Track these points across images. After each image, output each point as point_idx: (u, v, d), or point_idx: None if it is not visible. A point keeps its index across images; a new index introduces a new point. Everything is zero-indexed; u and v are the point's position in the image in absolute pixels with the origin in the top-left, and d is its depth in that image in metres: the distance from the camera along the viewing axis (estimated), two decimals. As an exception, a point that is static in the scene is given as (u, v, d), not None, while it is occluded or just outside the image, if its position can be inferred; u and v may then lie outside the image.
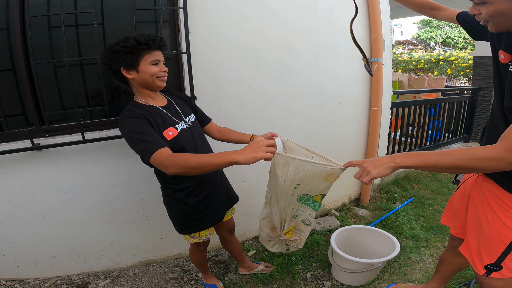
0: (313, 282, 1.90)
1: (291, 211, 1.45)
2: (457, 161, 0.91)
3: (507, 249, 1.13)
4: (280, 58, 2.05)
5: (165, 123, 1.31)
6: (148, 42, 1.21)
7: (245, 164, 1.01)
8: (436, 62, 9.92)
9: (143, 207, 1.91)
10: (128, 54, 1.21)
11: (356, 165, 1.09)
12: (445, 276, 1.65)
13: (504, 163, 0.87)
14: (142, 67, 1.24)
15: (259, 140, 1.04)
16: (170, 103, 1.41)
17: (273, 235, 1.57)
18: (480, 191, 1.24)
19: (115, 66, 1.24)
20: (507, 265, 1.15)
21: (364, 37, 2.45)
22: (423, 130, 3.58)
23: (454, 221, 1.46)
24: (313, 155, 1.35)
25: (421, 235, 2.31)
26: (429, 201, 2.87)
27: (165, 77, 1.31)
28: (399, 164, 0.98)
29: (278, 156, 1.22)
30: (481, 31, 1.20)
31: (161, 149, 1.14)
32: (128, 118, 1.22)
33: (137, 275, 1.98)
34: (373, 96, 2.56)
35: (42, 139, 1.61)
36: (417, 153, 0.98)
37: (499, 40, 1.07)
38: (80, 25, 1.61)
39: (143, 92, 1.32)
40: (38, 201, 1.70)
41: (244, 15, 1.88)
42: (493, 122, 1.18)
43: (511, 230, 1.10)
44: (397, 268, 2.00)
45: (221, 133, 1.59)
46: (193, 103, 1.55)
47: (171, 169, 1.10)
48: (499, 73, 1.07)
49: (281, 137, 1.40)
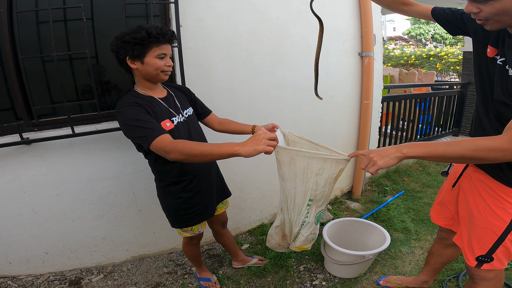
0: (306, 275, 1.93)
1: (310, 235, 1.39)
2: (465, 151, 0.91)
3: (498, 240, 1.13)
4: (271, 52, 2.06)
5: (163, 115, 1.30)
6: (158, 36, 1.20)
7: (246, 157, 1.01)
8: (426, 58, 10.03)
9: (135, 201, 1.91)
10: (137, 45, 1.20)
11: (361, 156, 1.07)
12: (434, 268, 1.67)
13: (510, 153, 0.87)
14: (148, 59, 1.23)
15: (261, 133, 1.04)
16: (170, 95, 1.41)
17: (283, 244, 1.52)
18: (470, 181, 1.25)
19: (122, 55, 1.24)
20: (498, 257, 1.16)
21: (355, 32, 2.47)
22: (413, 124, 3.63)
23: (442, 212, 1.47)
24: (317, 147, 1.31)
25: (411, 228, 2.35)
26: (419, 194, 2.93)
27: (169, 71, 1.31)
28: (406, 154, 0.96)
29: (281, 150, 1.18)
30: (461, 27, 1.19)
31: (162, 136, 1.14)
32: (127, 106, 1.21)
33: (131, 270, 1.98)
34: (364, 90, 2.59)
35: (31, 133, 1.59)
36: (424, 143, 0.98)
37: (486, 35, 1.07)
38: (69, 20, 1.59)
39: (144, 83, 1.32)
40: (28, 196, 1.68)
41: (235, 10, 1.87)
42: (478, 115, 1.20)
43: (502, 220, 1.11)
44: (388, 261, 2.03)
45: (222, 124, 1.59)
46: (192, 96, 1.55)
47: (173, 155, 1.10)
48: (487, 66, 1.07)
49: (283, 129, 1.38)
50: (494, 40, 1.04)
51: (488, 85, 1.08)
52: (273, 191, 2.38)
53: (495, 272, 1.21)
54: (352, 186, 2.91)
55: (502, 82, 1.00)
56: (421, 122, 3.73)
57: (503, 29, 1.00)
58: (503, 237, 1.12)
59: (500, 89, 1.01)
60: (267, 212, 2.45)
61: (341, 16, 2.36)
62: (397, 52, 11.41)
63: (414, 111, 3.57)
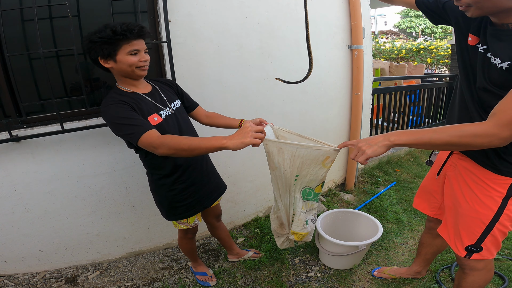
0: (301, 267, 1.94)
1: (302, 215, 1.40)
2: (450, 138, 0.92)
3: (486, 229, 1.12)
4: (262, 46, 2.07)
5: (149, 110, 1.29)
6: (125, 32, 1.17)
7: (234, 150, 1.02)
8: (417, 51, 10.13)
9: (128, 197, 1.90)
10: (105, 44, 1.18)
11: (350, 145, 1.08)
12: (426, 258, 1.68)
13: (496, 139, 0.88)
14: (119, 57, 1.21)
15: (248, 126, 1.04)
16: (155, 90, 1.40)
17: (281, 232, 1.54)
18: (455, 169, 1.25)
19: (93, 55, 1.23)
20: (487, 246, 1.16)
21: (345, 25, 2.49)
22: (404, 116, 3.68)
23: (429, 202, 1.46)
24: (306, 140, 1.33)
25: (404, 219, 2.38)
26: (410, 185, 2.97)
27: (145, 66, 1.29)
28: (394, 142, 0.97)
29: (269, 143, 1.20)
30: (443, 15, 1.20)
31: (149, 131, 1.14)
32: (111, 105, 1.20)
33: (127, 266, 1.98)
34: (354, 82, 2.61)
35: (20, 130, 1.58)
36: (411, 131, 0.99)
37: (467, 24, 1.08)
38: (54, 18, 1.57)
39: (125, 80, 1.30)
40: (20, 194, 1.67)
41: (225, 4, 1.87)
42: (454, 101, 1.22)
43: (489, 209, 1.10)
44: (381, 252, 2.05)
45: (209, 118, 1.58)
46: (179, 89, 1.54)
47: (161, 150, 1.10)
48: (468, 55, 1.09)
49: (272, 125, 1.39)
50: (475, 29, 1.05)
51: (471, 73, 1.09)
52: (267, 184, 2.39)
53: (485, 262, 1.21)
54: (345, 178, 2.94)
55: (484, 69, 1.01)
56: (411, 114, 3.78)
57: (484, 17, 1.01)
58: (491, 226, 1.11)
59: (482, 77, 1.02)
60: (261, 205, 2.46)
61: (330, 9, 2.37)
62: (387, 46, 11.50)
63: (404, 103, 3.62)
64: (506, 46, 0.93)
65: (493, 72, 0.97)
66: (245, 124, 1.07)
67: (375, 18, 18.65)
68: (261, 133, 1.05)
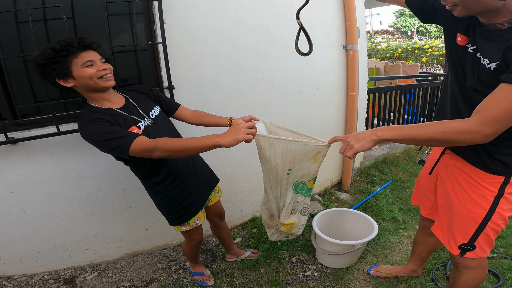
0: (298, 266, 1.96)
1: (290, 205, 1.42)
2: (434, 134, 0.93)
3: (479, 228, 1.14)
4: (258, 47, 2.08)
5: (127, 123, 1.25)
6: (65, 47, 1.14)
7: (227, 147, 1.03)
8: (412, 51, 10.19)
9: (125, 198, 1.91)
10: (53, 65, 1.15)
11: (340, 140, 1.09)
12: (421, 257, 1.69)
13: (479, 136, 0.89)
14: (75, 72, 1.17)
15: (240, 123, 1.06)
16: (129, 102, 1.35)
17: (272, 223, 1.55)
18: (447, 169, 1.26)
19: (50, 79, 1.18)
20: (480, 244, 1.17)
21: (340, 25, 2.50)
22: (399, 115, 3.71)
23: (423, 202, 1.48)
24: (298, 136, 1.35)
25: (399, 217, 2.40)
26: (406, 184, 2.99)
27: (108, 75, 1.23)
28: (381, 137, 0.99)
29: (261, 138, 1.21)
30: (432, 15, 1.20)
31: (138, 138, 1.13)
32: (88, 124, 1.16)
33: (125, 267, 1.99)
34: (349, 82, 2.63)
35: (16, 132, 1.58)
36: (398, 127, 1.00)
37: (455, 23, 1.09)
38: (49, 20, 1.57)
39: (94, 96, 1.25)
40: (17, 196, 1.67)
41: (221, 5, 1.88)
42: (443, 98, 1.23)
43: (482, 208, 1.11)
44: (378, 251, 2.06)
45: (197, 117, 1.56)
46: (155, 94, 1.48)
47: (157, 153, 1.10)
48: (458, 55, 1.09)
49: (264, 121, 1.39)
50: (464, 29, 1.05)
51: (461, 73, 1.09)
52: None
53: (478, 260, 1.22)
54: (342, 177, 2.96)
55: (474, 70, 1.01)
56: (407, 113, 3.81)
57: (473, 17, 1.02)
58: (484, 224, 1.13)
59: (472, 77, 1.02)
60: (258, 205, 2.47)
61: (325, 10, 2.38)
62: (383, 45, 11.56)
63: (399, 102, 3.65)
64: (494, 46, 0.94)
65: (483, 73, 0.98)
66: (236, 121, 1.09)
67: (370, 18, 18.73)
68: (252, 129, 1.07)
